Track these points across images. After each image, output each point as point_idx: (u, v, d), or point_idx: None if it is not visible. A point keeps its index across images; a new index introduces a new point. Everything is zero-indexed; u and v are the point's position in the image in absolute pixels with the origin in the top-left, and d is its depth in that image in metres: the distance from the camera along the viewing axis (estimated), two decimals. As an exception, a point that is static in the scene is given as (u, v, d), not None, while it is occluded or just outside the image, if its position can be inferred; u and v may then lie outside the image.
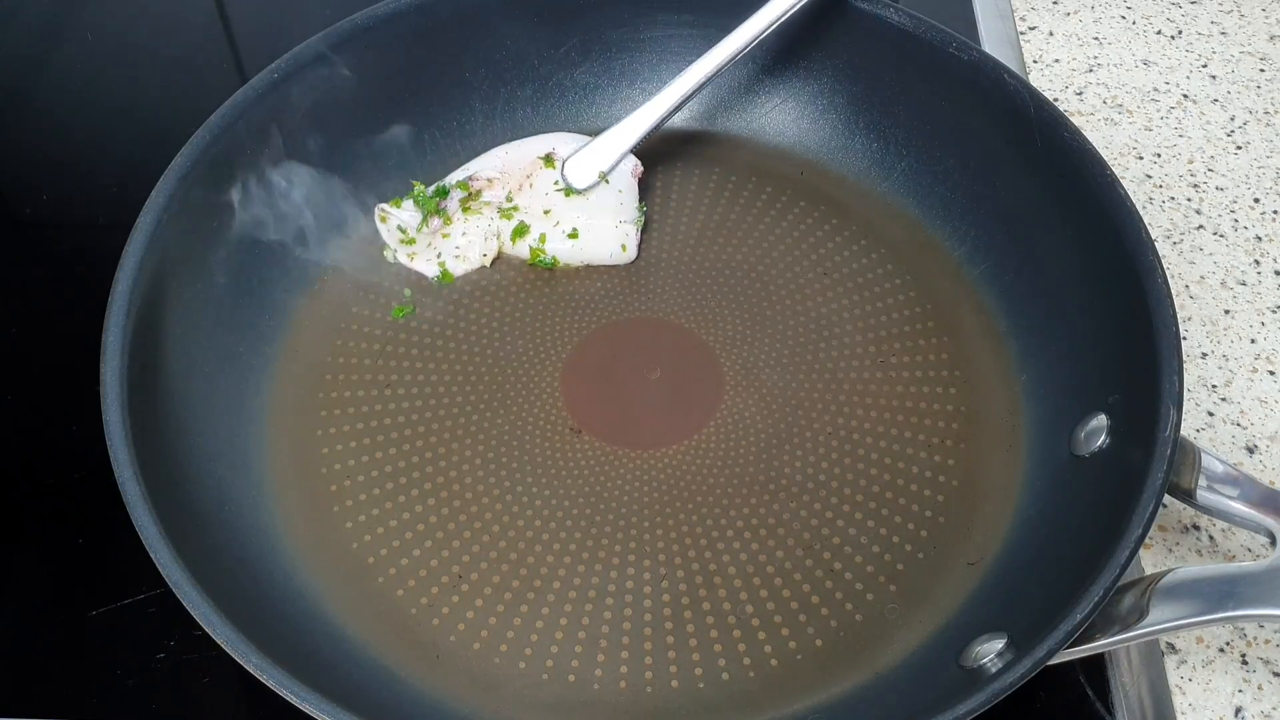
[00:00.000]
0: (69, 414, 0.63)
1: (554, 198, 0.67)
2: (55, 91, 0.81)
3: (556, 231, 0.66)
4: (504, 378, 0.63)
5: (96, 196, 0.74)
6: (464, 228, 0.66)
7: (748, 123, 0.72)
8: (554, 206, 0.67)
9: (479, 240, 0.66)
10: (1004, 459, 0.59)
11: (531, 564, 0.56)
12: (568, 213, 0.66)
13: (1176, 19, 0.84)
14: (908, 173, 0.69)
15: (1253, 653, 0.55)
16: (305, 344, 0.63)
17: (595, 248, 0.67)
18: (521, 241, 0.66)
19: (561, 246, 0.66)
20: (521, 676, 0.53)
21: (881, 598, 0.55)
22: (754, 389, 0.62)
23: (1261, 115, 0.78)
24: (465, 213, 0.66)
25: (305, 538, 0.56)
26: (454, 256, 0.66)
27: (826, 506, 0.58)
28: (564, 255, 0.67)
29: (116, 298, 0.54)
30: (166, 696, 0.53)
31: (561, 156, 0.67)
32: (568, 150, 0.68)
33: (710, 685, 0.52)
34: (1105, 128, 0.77)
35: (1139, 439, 0.50)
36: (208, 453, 0.56)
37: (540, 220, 0.66)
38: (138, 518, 0.48)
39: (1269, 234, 0.71)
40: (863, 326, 0.64)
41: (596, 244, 0.66)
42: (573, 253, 0.67)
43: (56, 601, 0.56)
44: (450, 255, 0.66)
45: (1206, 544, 0.58)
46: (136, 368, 0.53)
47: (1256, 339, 0.66)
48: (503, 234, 0.66)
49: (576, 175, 0.67)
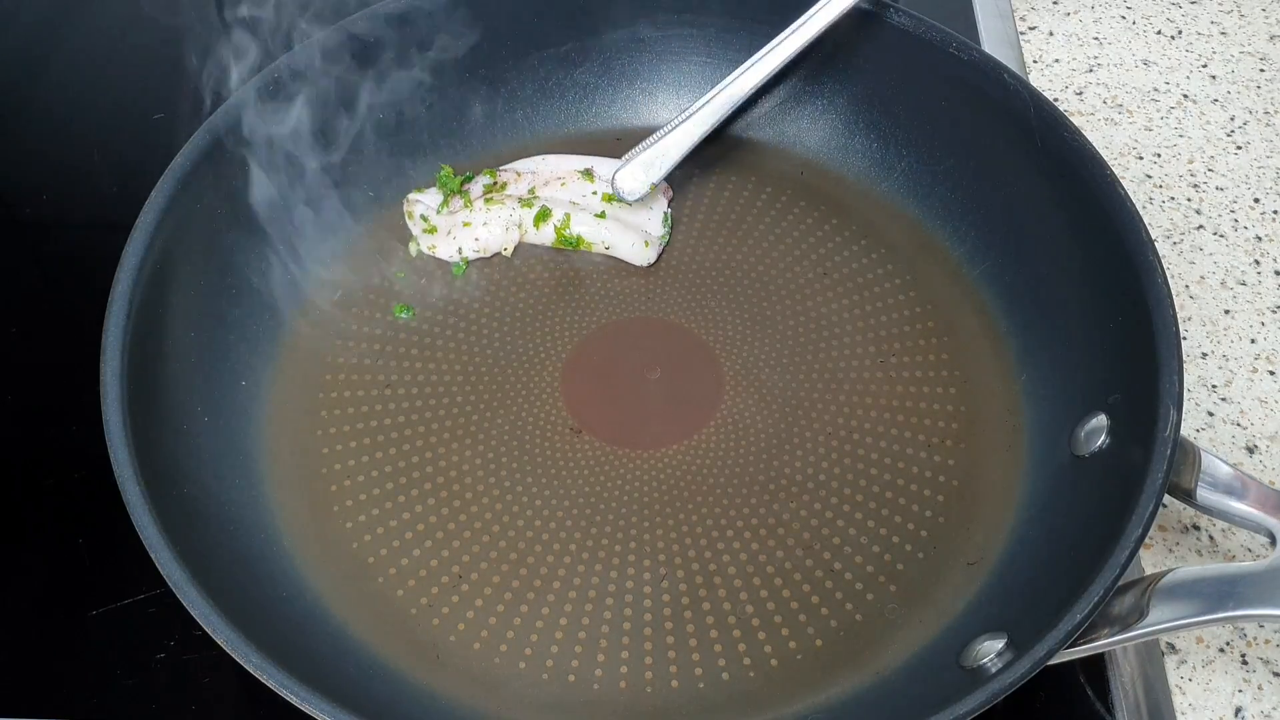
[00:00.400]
0: (69, 414, 0.63)
1: (584, 198, 0.67)
2: (55, 91, 0.81)
3: (583, 214, 0.66)
4: (504, 378, 0.63)
5: (96, 196, 0.74)
6: (485, 217, 0.66)
7: (748, 123, 0.72)
8: (581, 201, 0.67)
9: (500, 231, 0.66)
10: (1004, 459, 0.59)
11: (531, 564, 0.56)
12: (594, 204, 0.67)
13: (1176, 19, 0.84)
14: (908, 173, 0.69)
15: (1253, 653, 0.55)
16: (305, 344, 0.63)
17: (620, 234, 0.66)
18: (545, 225, 0.66)
19: (587, 227, 0.66)
20: (521, 676, 0.53)
21: (881, 598, 0.55)
22: (754, 389, 0.62)
23: (1261, 115, 0.78)
24: (488, 204, 0.66)
25: (305, 538, 0.56)
26: (473, 248, 0.66)
27: (826, 506, 0.58)
28: (589, 235, 0.67)
29: (116, 298, 0.54)
30: (166, 696, 0.53)
31: (601, 174, 0.68)
32: (608, 170, 0.68)
33: (710, 685, 0.52)
34: (1105, 128, 0.77)
35: (1139, 439, 0.50)
36: (208, 453, 0.56)
37: (564, 206, 0.67)
38: (138, 518, 0.48)
39: (1269, 234, 0.71)
40: (863, 326, 0.64)
41: (622, 231, 0.66)
42: (598, 232, 0.67)
43: (56, 601, 0.56)
44: (470, 244, 0.66)
45: (1206, 544, 0.58)
46: (136, 368, 0.53)
47: (1256, 339, 0.66)
48: (524, 222, 0.66)
49: (628, 185, 0.67)
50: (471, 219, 0.66)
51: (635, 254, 0.67)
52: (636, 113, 0.73)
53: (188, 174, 0.58)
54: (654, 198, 0.68)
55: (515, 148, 0.71)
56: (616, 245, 0.67)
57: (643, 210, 0.68)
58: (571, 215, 0.66)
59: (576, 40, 0.71)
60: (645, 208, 0.68)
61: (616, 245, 0.67)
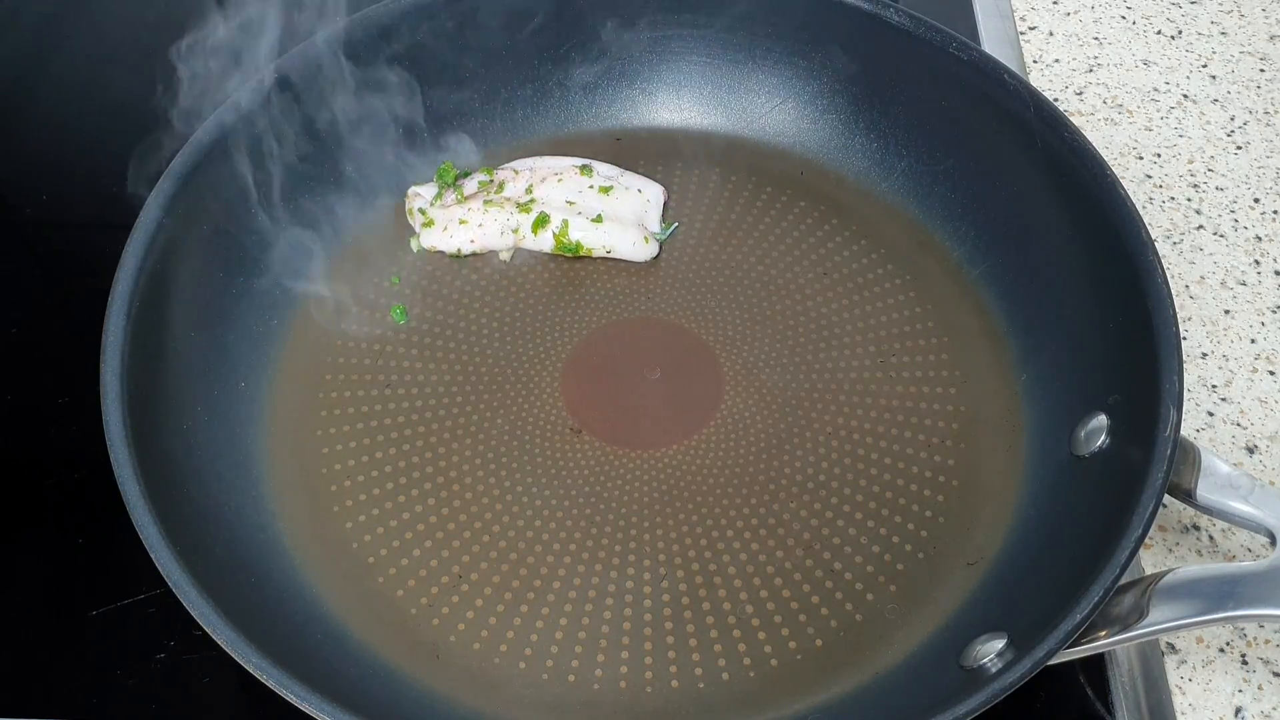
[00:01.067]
0: (69, 414, 0.63)
1: (580, 195, 0.67)
2: (55, 91, 0.81)
3: (580, 219, 0.66)
4: (504, 378, 0.63)
5: (96, 196, 0.74)
6: (481, 219, 0.66)
7: (748, 123, 0.72)
8: (578, 199, 0.67)
9: (495, 232, 0.66)
10: (1004, 459, 0.59)
11: (531, 564, 0.56)
12: (591, 204, 0.67)
13: (1176, 19, 0.84)
14: (908, 173, 0.69)
15: (1253, 653, 0.55)
16: (305, 344, 0.63)
17: (619, 235, 0.67)
18: (544, 232, 0.66)
19: (586, 232, 0.66)
20: (521, 676, 0.53)
21: (881, 598, 0.55)
22: (754, 389, 0.62)
23: (1261, 115, 0.78)
24: (487, 205, 0.66)
25: (305, 538, 0.56)
26: (470, 247, 0.66)
27: (826, 506, 0.58)
28: (588, 240, 0.66)
29: (116, 298, 0.54)
30: (166, 696, 0.53)
31: (600, 170, 0.68)
32: (605, 168, 0.68)
33: (710, 685, 0.52)
34: (1105, 128, 0.77)
35: (1139, 439, 0.50)
36: (208, 453, 0.56)
37: (562, 210, 0.67)
38: (138, 518, 0.48)
39: (1269, 234, 0.71)
40: (863, 326, 0.64)
41: (620, 231, 0.67)
42: (597, 237, 0.66)
43: (56, 601, 0.56)
44: (466, 242, 0.66)
45: (1206, 544, 0.58)
46: (136, 368, 0.53)
47: (1256, 339, 0.66)
48: (522, 228, 0.66)
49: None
50: (468, 217, 0.66)
51: (636, 252, 0.67)
52: (636, 113, 0.73)
53: (188, 174, 0.58)
54: (653, 191, 0.68)
55: (515, 148, 0.71)
56: (617, 247, 0.67)
57: (640, 207, 0.68)
58: (570, 221, 0.66)
59: (576, 40, 0.71)
60: (643, 204, 0.68)
61: (617, 247, 0.67)
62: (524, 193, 0.67)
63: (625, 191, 0.68)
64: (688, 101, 0.72)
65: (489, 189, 0.68)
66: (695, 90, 0.72)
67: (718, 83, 0.71)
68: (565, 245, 0.66)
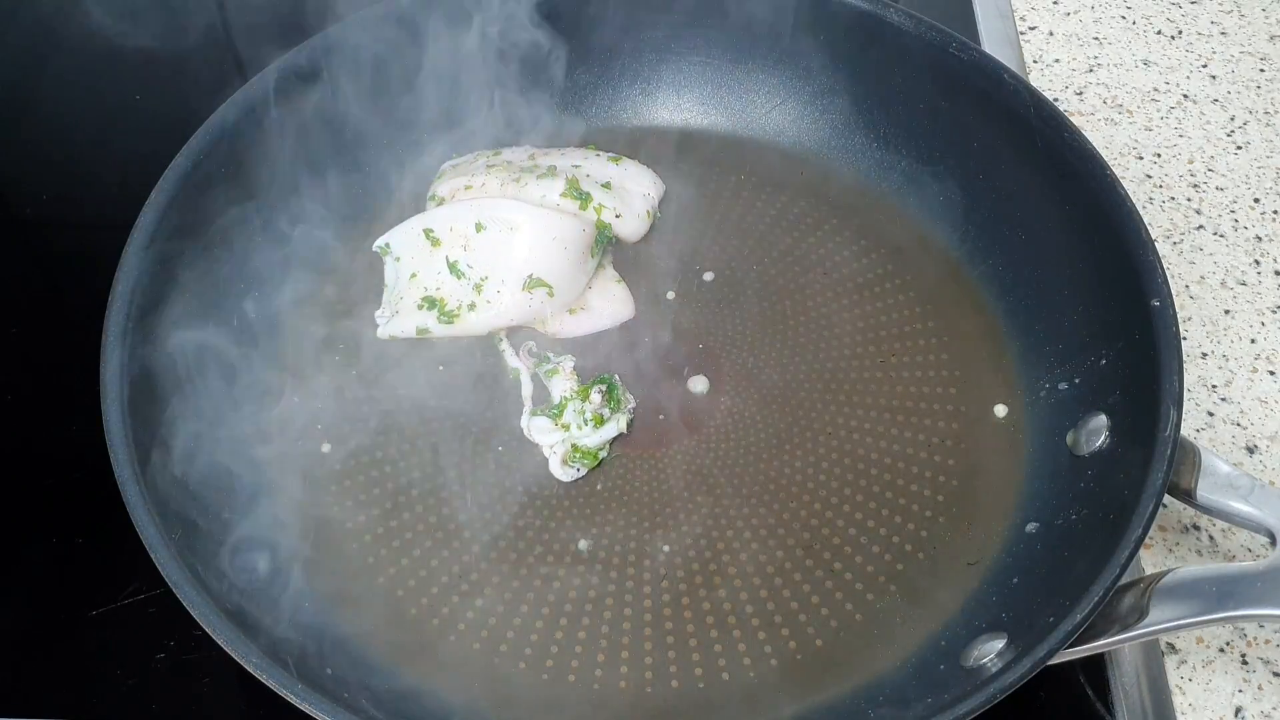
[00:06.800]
0: (69, 414, 0.63)
1: (587, 160, 0.67)
2: (55, 91, 0.81)
3: (589, 180, 0.66)
4: (504, 378, 0.63)
5: (96, 196, 0.74)
6: (484, 179, 0.66)
7: (748, 123, 0.72)
8: (584, 164, 0.67)
9: (495, 185, 0.66)
10: (1004, 459, 0.59)
11: (531, 564, 0.56)
12: (599, 170, 0.67)
13: (1176, 19, 0.84)
14: (908, 173, 0.69)
15: (1253, 653, 0.55)
16: (305, 344, 0.63)
17: (627, 202, 0.66)
18: (553, 181, 0.65)
19: (596, 191, 0.66)
20: (521, 676, 0.53)
21: (882, 598, 0.55)
22: (754, 389, 0.62)
23: (1261, 115, 0.78)
24: (488, 169, 0.66)
25: (305, 538, 0.56)
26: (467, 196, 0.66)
27: (826, 506, 0.58)
28: (599, 197, 0.66)
29: (116, 298, 0.54)
30: (166, 696, 0.53)
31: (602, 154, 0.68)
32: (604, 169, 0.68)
33: (710, 685, 0.52)
34: (1105, 128, 0.77)
35: (1139, 439, 0.50)
36: (208, 453, 0.56)
37: (569, 171, 0.66)
38: (138, 518, 0.48)
39: (1269, 234, 0.71)
40: (863, 326, 0.64)
41: (627, 200, 0.66)
42: (608, 198, 0.66)
43: (56, 601, 0.56)
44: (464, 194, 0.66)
45: (1206, 544, 0.58)
46: (136, 368, 0.53)
47: (1256, 339, 0.66)
48: (525, 178, 0.66)
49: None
50: (472, 182, 0.66)
51: (640, 225, 0.67)
52: (636, 112, 0.73)
53: (188, 174, 0.58)
54: (652, 179, 0.68)
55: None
56: (626, 213, 0.66)
57: (647, 183, 0.68)
58: (578, 180, 0.65)
59: (575, 40, 0.71)
60: (649, 182, 0.68)
61: (626, 213, 0.66)
62: (527, 159, 0.67)
63: (632, 165, 0.68)
64: (688, 101, 0.72)
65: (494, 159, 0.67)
66: (695, 90, 0.72)
67: (718, 83, 0.71)
68: (576, 191, 0.65)
